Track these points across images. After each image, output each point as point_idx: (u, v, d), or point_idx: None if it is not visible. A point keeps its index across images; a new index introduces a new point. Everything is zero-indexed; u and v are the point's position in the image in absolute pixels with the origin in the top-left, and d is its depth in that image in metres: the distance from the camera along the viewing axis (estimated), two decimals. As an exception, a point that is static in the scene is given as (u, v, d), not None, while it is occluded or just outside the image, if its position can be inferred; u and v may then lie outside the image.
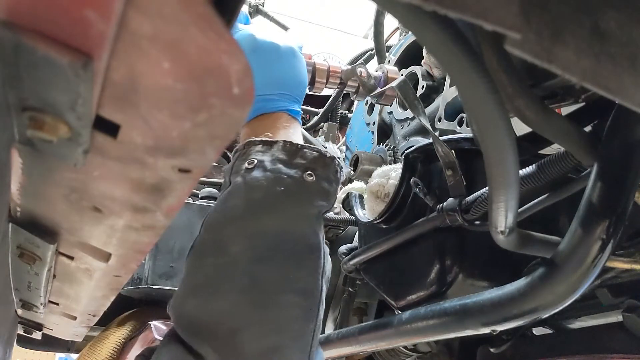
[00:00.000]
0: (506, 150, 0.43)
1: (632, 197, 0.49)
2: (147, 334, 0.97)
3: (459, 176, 0.71)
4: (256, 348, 0.58)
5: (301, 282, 0.62)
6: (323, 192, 0.66)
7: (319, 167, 0.65)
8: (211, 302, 0.60)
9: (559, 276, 0.52)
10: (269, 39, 0.74)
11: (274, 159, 0.64)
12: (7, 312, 0.72)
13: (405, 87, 0.68)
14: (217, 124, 0.30)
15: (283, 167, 0.64)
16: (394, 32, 1.65)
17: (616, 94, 0.33)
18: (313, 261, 0.64)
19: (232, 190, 0.64)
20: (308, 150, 0.66)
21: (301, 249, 0.63)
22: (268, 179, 0.62)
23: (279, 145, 0.66)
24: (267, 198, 0.62)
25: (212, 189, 1.20)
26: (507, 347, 1.00)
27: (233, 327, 0.59)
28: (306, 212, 0.65)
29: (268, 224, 0.62)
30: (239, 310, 0.59)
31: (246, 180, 0.63)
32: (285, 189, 0.62)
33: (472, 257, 0.78)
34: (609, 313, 0.90)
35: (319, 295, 0.63)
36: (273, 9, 1.44)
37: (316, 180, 0.64)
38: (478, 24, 0.28)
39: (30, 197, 0.43)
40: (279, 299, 0.60)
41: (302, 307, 0.61)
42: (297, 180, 0.63)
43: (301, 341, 0.61)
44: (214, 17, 0.24)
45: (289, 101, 0.74)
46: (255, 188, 0.62)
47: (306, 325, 0.62)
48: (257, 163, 0.64)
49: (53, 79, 0.26)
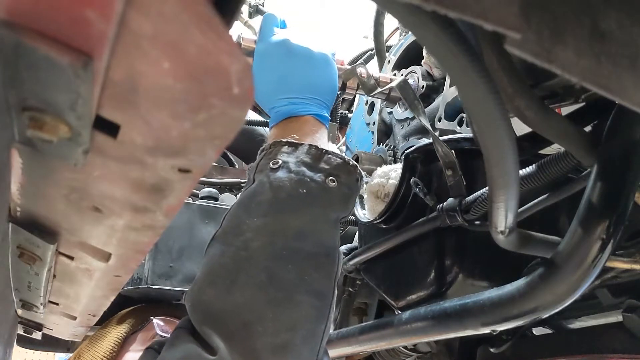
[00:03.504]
0: (506, 150, 0.43)
1: (632, 197, 0.49)
2: (149, 330, 0.97)
3: (459, 176, 0.71)
4: (267, 343, 0.59)
5: (316, 283, 0.63)
6: (343, 198, 0.68)
7: (342, 173, 0.67)
8: (227, 294, 0.61)
9: (559, 276, 0.52)
10: (303, 44, 0.76)
11: (299, 162, 0.66)
12: (7, 312, 0.72)
13: (406, 87, 0.68)
14: (217, 124, 0.30)
15: (307, 171, 0.66)
16: (394, 32, 1.65)
17: (616, 94, 0.33)
18: (328, 264, 0.65)
19: (257, 188, 0.66)
20: (332, 156, 0.68)
21: (318, 251, 0.65)
22: (292, 181, 0.65)
23: (305, 148, 0.68)
24: (289, 199, 0.64)
25: (212, 189, 1.20)
26: (507, 347, 1.00)
27: (246, 321, 0.59)
28: (326, 216, 0.66)
29: (289, 223, 0.63)
30: (254, 305, 0.60)
31: (270, 180, 0.65)
32: (307, 191, 0.64)
33: (472, 257, 0.78)
34: (609, 313, 0.90)
35: (331, 298, 0.65)
36: (273, 9, 1.44)
37: (338, 186, 0.67)
38: (478, 24, 0.28)
39: (30, 197, 0.43)
40: (294, 297, 0.61)
41: (315, 308, 0.63)
42: (320, 185, 0.65)
43: (312, 341, 0.62)
44: (214, 17, 0.24)
45: (319, 106, 0.76)
46: (279, 188, 0.64)
47: (317, 326, 0.63)
48: (281, 164, 0.66)
49: (53, 79, 0.26)
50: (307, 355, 0.61)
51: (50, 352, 2.21)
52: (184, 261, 1.04)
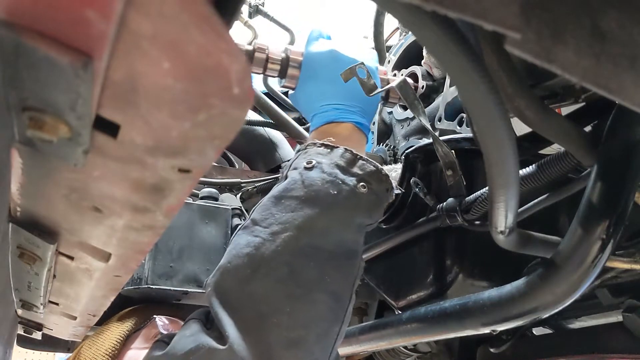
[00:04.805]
0: (506, 150, 0.43)
1: (632, 197, 0.49)
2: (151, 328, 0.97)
3: (459, 176, 0.71)
4: (281, 337, 0.59)
5: (335, 284, 0.64)
6: (372, 205, 0.69)
7: (374, 180, 0.69)
8: (247, 283, 0.62)
9: (559, 276, 0.52)
10: (349, 55, 0.79)
11: (333, 164, 0.68)
12: (7, 312, 0.72)
13: (406, 87, 0.68)
14: (217, 124, 0.30)
15: (340, 173, 0.67)
16: (394, 32, 1.65)
17: (616, 94, 0.33)
18: (349, 267, 0.67)
19: (289, 184, 0.68)
20: (366, 163, 0.69)
21: (341, 253, 0.66)
22: (324, 181, 0.66)
23: (340, 151, 0.69)
24: (319, 198, 0.65)
25: (212, 189, 1.20)
26: (507, 347, 1.00)
27: (263, 312, 0.60)
28: (352, 219, 0.67)
29: (315, 222, 0.65)
30: (272, 298, 0.61)
31: (303, 178, 0.67)
32: (337, 193, 0.66)
33: (472, 257, 0.78)
34: (609, 313, 0.90)
35: (347, 302, 0.66)
36: (273, 9, 1.43)
37: (368, 192, 0.68)
38: (478, 24, 0.28)
39: (30, 197, 0.43)
40: (313, 295, 0.62)
41: (331, 309, 0.63)
42: (351, 189, 0.67)
43: (325, 341, 0.63)
44: (214, 17, 0.24)
45: (360, 115, 0.78)
46: (310, 186, 0.66)
47: (332, 327, 0.63)
48: (315, 164, 0.68)
49: (53, 79, 0.26)
50: (318, 355, 0.62)
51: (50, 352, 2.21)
52: (184, 261, 1.04)
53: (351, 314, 0.67)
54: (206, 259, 1.06)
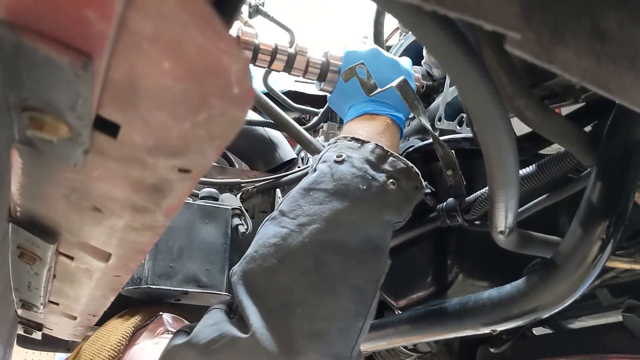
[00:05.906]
0: (506, 150, 0.43)
1: (632, 197, 0.49)
2: (158, 324, 0.97)
3: (459, 176, 0.71)
4: (304, 327, 0.59)
5: (360, 279, 0.64)
6: (400, 202, 0.68)
7: (403, 178, 0.68)
8: (273, 272, 0.62)
9: (559, 276, 0.52)
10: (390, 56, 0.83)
11: (363, 159, 0.68)
12: (7, 312, 0.72)
13: (406, 87, 0.68)
14: (217, 124, 0.30)
15: (370, 169, 0.67)
16: (394, 32, 1.65)
17: (616, 94, 0.33)
18: (375, 263, 0.66)
19: (318, 176, 0.68)
20: (396, 160, 0.69)
21: (367, 249, 0.66)
22: (353, 175, 0.66)
23: (370, 147, 0.69)
24: (348, 192, 0.65)
25: (212, 189, 1.20)
26: (507, 347, 1.00)
27: (287, 302, 0.60)
28: (380, 215, 0.67)
29: (343, 215, 0.64)
30: (297, 288, 0.61)
31: (333, 171, 0.67)
32: (367, 189, 0.66)
33: (472, 257, 0.78)
34: (609, 313, 0.90)
35: (371, 299, 0.65)
36: (273, 8, 1.43)
37: (397, 189, 0.68)
38: (478, 24, 0.28)
39: (30, 197, 0.43)
40: (337, 289, 0.62)
41: (355, 303, 0.63)
42: (380, 184, 0.67)
43: (347, 335, 0.62)
44: (214, 17, 0.24)
45: (395, 110, 0.79)
46: (339, 180, 0.66)
47: (354, 322, 0.63)
48: (345, 157, 0.68)
49: (53, 79, 0.26)
50: (340, 349, 0.62)
51: (50, 352, 2.21)
52: (184, 261, 1.04)
53: (375, 311, 0.67)
54: (206, 259, 1.06)
